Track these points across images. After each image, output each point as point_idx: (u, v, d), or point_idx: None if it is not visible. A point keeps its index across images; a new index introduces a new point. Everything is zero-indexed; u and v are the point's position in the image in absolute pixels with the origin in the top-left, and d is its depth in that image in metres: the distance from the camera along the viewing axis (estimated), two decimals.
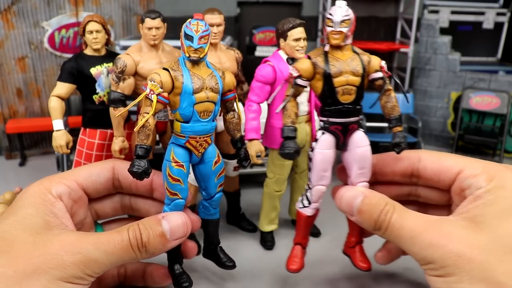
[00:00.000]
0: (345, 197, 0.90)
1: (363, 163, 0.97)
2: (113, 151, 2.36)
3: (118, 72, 2.26)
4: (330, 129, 0.98)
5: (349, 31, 0.99)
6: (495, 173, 0.82)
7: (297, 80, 1.00)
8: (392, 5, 4.67)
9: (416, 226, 0.78)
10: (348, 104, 0.96)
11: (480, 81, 4.31)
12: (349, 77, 0.95)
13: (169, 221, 0.88)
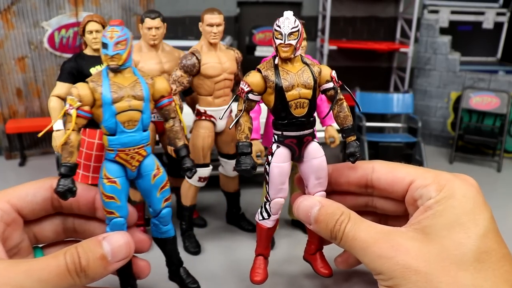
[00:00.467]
0: (302, 206, 0.91)
1: (319, 173, 0.99)
2: None
3: None
4: (285, 142, 0.98)
5: (298, 43, 0.98)
6: (444, 182, 0.83)
7: (248, 95, 0.99)
8: (392, 5, 4.67)
9: (368, 237, 0.79)
10: (301, 117, 0.96)
11: (480, 81, 4.31)
12: (301, 91, 0.95)
13: (110, 242, 0.81)
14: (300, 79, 0.98)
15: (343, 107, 1.09)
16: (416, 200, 0.87)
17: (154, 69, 2.32)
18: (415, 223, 0.83)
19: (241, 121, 1.03)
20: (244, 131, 1.02)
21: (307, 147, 1.04)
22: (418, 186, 0.88)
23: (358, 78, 4.82)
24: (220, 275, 2.28)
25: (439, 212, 0.80)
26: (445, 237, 0.75)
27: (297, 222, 2.75)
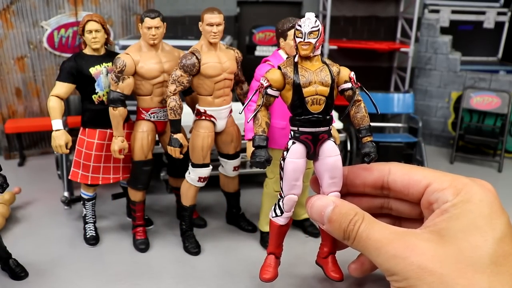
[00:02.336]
0: (315, 205, 0.92)
1: (334, 172, 0.99)
2: (112, 151, 2.35)
3: (117, 72, 2.25)
4: (301, 138, 1.00)
5: (317, 42, 0.99)
6: (461, 187, 0.82)
7: (267, 90, 1.01)
8: (392, 4, 4.66)
9: (382, 237, 0.79)
10: (317, 114, 0.98)
11: (481, 81, 4.30)
12: (318, 87, 0.97)
13: None
14: (318, 77, 1.00)
15: (360, 108, 1.12)
16: (431, 204, 0.87)
17: (154, 68, 2.31)
18: (430, 225, 0.82)
19: (259, 115, 1.06)
20: (261, 125, 1.06)
21: (322, 145, 1.05)
22: (434, 189, 0.87)
23: (358, 78, 4.78)
24: (220, 275, 2.27)
25: (455, 215, 0.79)
26: (462, 240, 0.75)
27: (297, 222, 2.74)
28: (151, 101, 2.39)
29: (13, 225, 2.80)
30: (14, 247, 2.38)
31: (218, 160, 2.63)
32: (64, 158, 3.05)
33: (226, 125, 2.48)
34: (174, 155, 2.33)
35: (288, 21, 2.25)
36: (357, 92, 1.09)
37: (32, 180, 3.51)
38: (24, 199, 3.08)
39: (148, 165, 2.46)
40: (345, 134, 3.64)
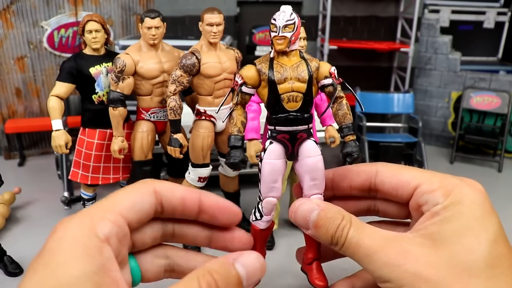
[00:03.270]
0: (299, 210, 0.86)
1: (314, 173, 0.95)
2: (112, 151, 2.35)
3: (117, 72, 2.25)
4: (278, 138, 0.95)
5: (293, 36, 0.95)
6: (452, 188, 0.79)
7: (242, 87, 0.97)
8: (392, 4, 4.66)
9: (373, 243, 0.76)
10: (294, 112, 0.93)
11: (481, 81, 4.30)
12: (294, 84, 0.93)
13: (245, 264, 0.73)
14: (294, 73, 0.96)
15: (342, 105, 1.06)
16: (421, 206, 0.85)
17: (154, 68, 2.31)
18: (421, 229, 0.80)
19: (234, 114, 1.01)
20: (236, 124, 1.00)
21: (302, 145, 1.01)
22: (424, 191, 0.85)
23: (358, 78, 4.81)
24: None
25: (447, 218, 0.77)
26: (455, 243, 0.73)
27: None
28: (151, 101, 2.39)
29: (13, 225, 2.80)
30: (14, 247, 2.38)
31: (218, 160, 2.63)
32: (64, 158, 3.05)
33: (226, 125, 2.48)
34: (174, 155, 2.33)
35: None
36: (339, 89, 1.05)
37: (32, 180, 3.51)
38: (24, 199, 3.08)
39: (148, 165, 2.46)
40: None
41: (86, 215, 0.71)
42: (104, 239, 0.67)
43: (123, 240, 0.72)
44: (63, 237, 0.65)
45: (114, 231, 0.70)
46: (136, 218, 0.76)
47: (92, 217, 0.70)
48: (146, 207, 0.77)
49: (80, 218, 0.69)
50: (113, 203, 0.75)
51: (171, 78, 2.23)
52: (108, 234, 0.68)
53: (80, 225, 0.68)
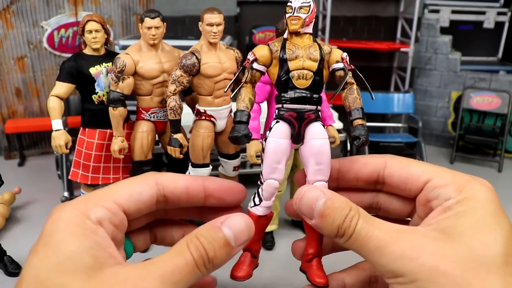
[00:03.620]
0: (305, 197, 0.82)
1: (320, 157, 0.91)
2: (112, 151, 2.35)
3: (117, 72, 2.25)
4: (285, 116, 0.93)
5: (307, 17, 0.94)
6: (464, 183, 0.76)
7: (253, 64, 0.95)
8: (392, 4, 4.66)
9: (384, 235, 0.72)
10: (304, 89, 0.91)
11: (481, 81, 4.30)
12: (305, 61, 0.90)
13: (231, 226, 0.76)
14: (306, 52, 0.95)
15: (352, 90, 1.02)
16: (430, 200, 0.82)
17: (154, 68, 2.31)
18: (433, 223, 0.77)
19: (243, 90, 0.98)
20: (244, 100, 0.96)
21: (309, 126, 0.98)
22: (435, 185, 0.82)
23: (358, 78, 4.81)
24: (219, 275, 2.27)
25: (461, 212, 0.73)
26: (471, 238, 0.69)
27: (297, 222, 2.74)
28: (151, 101, 2.39)
29: (13, 225, 2.80)
30: (14, 247, 2.38)
31: (218, 160, 2.63)
32: (64, 158, 3.05)
33: (226, 125, 2.48)
34: (174, 155, 2.33)
35: None
36: (350, 75, 1.03)
37: (32, 180, 3.51)
38: (24, 199, 3.08)
39: (148, 165, 2.46)
40: (345, 134, 3.63)
41: (81, 201, 0.73)
42: (96, 221, 0.71)
43: (119, 225, 0.76)
44: (58, 219, 0.69)
45: (107, 216, 0.73)
46: (134, 208, 0.80)
47: (86, 202, 0.74)
48: (145, 198, 0.80)
49: (75, 203, 0.74)
50: (110, 191, 0.78)
51: (171, 78, 2.23)
52: (101, 218, 0.72)
53: (74, 209, 0.72)
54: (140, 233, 0.94)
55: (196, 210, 0.95)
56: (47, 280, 0.63)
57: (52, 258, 0.65)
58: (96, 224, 0.71)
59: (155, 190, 0.83)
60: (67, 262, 0.64)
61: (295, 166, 2.55)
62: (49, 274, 0.63)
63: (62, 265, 0.64)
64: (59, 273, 0.63)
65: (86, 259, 0.65)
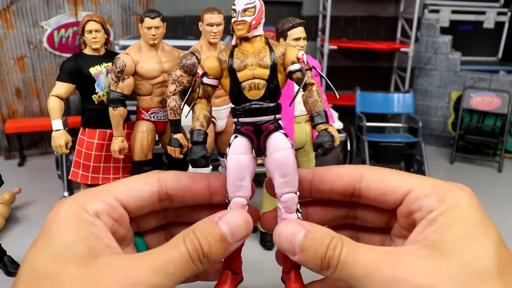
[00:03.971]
0: (283, 233, 0.78)
1: (285, 169, 0.85)
2: (112, 151, 2.35)
3: (117, 72, 2.25)
4: (241, 130, 0.87)
5: (254, 20, 0.87)
6: (445, 192, 0.73)
7: (203, 79, 0.89)
8: (392, 4, 4.66)
9: (372, 260, 0.68)
10: (257, 101, 0.84)
11: (481, 81, 4.30)
12: (255, 70, 0.84)
13: (228, 221, 0.75)
14: (256, 58, 0.86)
15: (312, 92, 0.93)
16: (412, 213, 0.78)
17: (154, 68, 2.31)
18: (421, 240, 0.72)
19: (196, 108, 0.92)
20: (198, 118, 0.90)
21: (269, 138, 0.91)
22: (416, 196, 0.75)
23: (358, 78, 4.81)
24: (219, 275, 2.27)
25: (447, 224, 0.69)
26: (462, 251, 0.66)
27: None
28: (151, 101, 2.39)
29: (13, 225, 2.80)
30: (14, 247, 2.38)
31: (218, 160, 2.62)
32: (64, 158, 3.05)
33: (226, 125, 2.48)
34: (174, 155, 2.33)
35: (288, 21, 2.24)
36: (309, 75, 0.95)
37: (32, 180, 3.51)
38: (24, 199, 3.08)
39: (148, 165, 2.46)
40: (345, 134, 3.63)
41: (81, 195, 0.76)
42: (93, 214, 0.73)
43: (119, 220, 0.78)
44: (57, 211, 0.73)
45: (105, 209, 0.75)
46: (135, 204, 0.81)
47: (85, 197, 0.76)
48: (145, 195, 0.82)
49: (74, 197, 0.77)
50: (110, 187, 0.81)
51: (171, 78, 2.23)
52: (98, 211, 0.74)
53: (73, 203, 0.74)
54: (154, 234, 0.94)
55: (206, 211, 0.93)
56: (42, 268, 0.64)
57: (48, 248, 0.67)
58: (93, 217, 0.73)
59: (156, 187, 0.83)
60: (62, 251, 0.66)
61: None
62: (45, 263, 0.65)
63: (57, 254, 0.65)
64: (54, 261, 0.64)
65: (81, 248, 0.66)
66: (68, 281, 0.62)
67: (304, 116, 2.40)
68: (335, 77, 4.65)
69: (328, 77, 4.95)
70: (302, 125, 2.38)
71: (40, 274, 0.64)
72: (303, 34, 2.25)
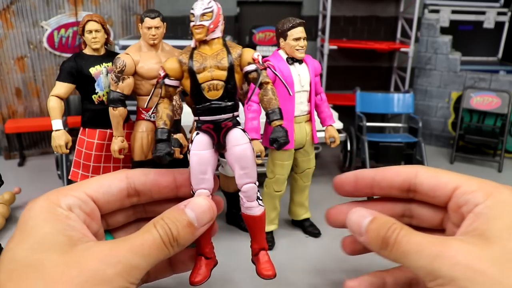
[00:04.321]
0: (354, 218, 0.91)
1: (244, 162, 0.96)
2: (112, 151, 2.35)
3: (117, 72, 2.25)
4: (202, 128, 0.94)
5: (211, 24, 0.92)
6: (491, 189, 0.81)
7: (165, 80, 0.96)
8: (392, 4, 4.66)
9: (423, 241, 0.78)
10: (216, 100, 0.92)
11: (481, 81, 4.30)
12: (213, 72, 0.90)
13: (193, 208, 0.84)
14: (214, 61, 0.93)
15: (267, 90, 1.02)
16: (460, 206, 0.88)
17: (154, 68, 2.31)
18: (470, 231, 0.82)
19: (159, 107, 1.00)
20: (162, 117, 0.99)
21: (228, 134, 0.99)
22: (463, 192, 0.88)
23: (358, 78, 4.81)
24: (219, 275, 2.27)
25: (493, 216, 0.77)
26: (507, 240, 0.72)
27: (297, 222, 2.74)
28: (151, 101, 2.39)
29: (13, 225, 2.80)
30: None
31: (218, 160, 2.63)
32: (64, 158, 3.05)
33: None
34: (174, 155, 2.33)
35: (288, 21, 2.25)
36: (264, 74, 1.02)
37: (32, 180, 3.51)
38: (24, 199, 3.08)
39: (148, 165, 2.46)
40: (345, 134, 3.63)
41: (53, 193, 0.85)
42: (66, 208, 0.77)
43: (91, 214, 0.84)
44: (31, 208, 0.77)
45: (77, 203, 0.80)
46: (104, 199, 0.88)
47: (58, 193, 0.82)
48: (114, 190, 0.89)
49: (47, 194, 0.82)
50: (81, 184, 0.87)
51: None
52: (71, 205, 0.79)
53: (46, 200, 0.79)
54: (124, 231, 1.02)
55: (173, 204, 0.99)
56: (23, 259, 0.68)
57: (27, 240, 0.71)
58: (67, 211, 0.78)
59: (125, 183, 0.91)
60: (42, 241, 0.70)
61: (295, 166, 2.55)
62: (25, 253, 0.69)
63: (37, 244, 0.70)
64: (34, 251, 0.68)
65: (61, 238, 0.71)
66: (51, 266, 0.66)
67: (304, 116, 2.40)
68: (335, 77, 4.65)
69: (328, 77, 4.95)
70: (302, 125, 2.39)
71: (21, 263, 0.67)
72: (303, 34, 2.25)
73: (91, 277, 0.66)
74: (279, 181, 2.47)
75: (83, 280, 0.66)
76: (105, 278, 0.66)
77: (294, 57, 2.28)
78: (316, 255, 2.40)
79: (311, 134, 2.43)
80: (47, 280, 0.64)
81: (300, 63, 2.33)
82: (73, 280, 0.66)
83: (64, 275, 0.66)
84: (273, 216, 2.54)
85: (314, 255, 2.41)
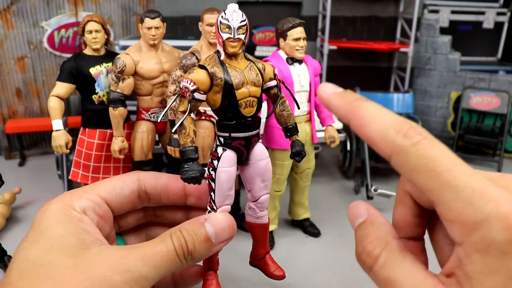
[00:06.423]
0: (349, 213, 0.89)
1: (266, 175, 0.96)
2: (112, 151, 2.36)
3: (117, 72, 2.25)
4: (233, 145, 0.91)
5: (246, 38, 0.91)
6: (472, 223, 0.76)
7: (195, 94, 0.91)
8: (392, 4, 4.67)
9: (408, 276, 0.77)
10: (250, 117, 0.89)
11: (480, 81, 4.31)
12: (250, 88, 0.88)
13: (213, 223, 0.82)
14: (249, 76, 0.89)
15: (285, 105, 1.02)
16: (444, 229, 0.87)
17: (154, 69, 2.31)
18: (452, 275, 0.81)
19: (186, 123, 0.94)
20: (189, 134, 0.92)
21: (253, 148, 0.96)
22: (441, 214, 0.87)
23: (358, 78, 4.81)
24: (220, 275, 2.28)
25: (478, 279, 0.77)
26: None
27: (297, 222, 2.74)
28: (151, 101, 2.40)
29: (13, 225, 2.80)
30: (14, 247, 2.38)
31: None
32: (64, 158, 3.05)
33: None
34: (174, 155, 2.34)
35: (288, 21, 2.25)
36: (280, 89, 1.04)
37: (32, 180, 3.51)
38: (24, 199, 3.08)
39: (148, 165, 2.47)
40: (344, 134, 3.64)
41: (67, 195, 0.81)
42: (80, 211, 0.78)
43: (104, 216, 0.83)
44: (46, 210, 0.77)
45: (91, 206, 0.80)
46: (117, 201, 0.87)
47: (72, 196, 0.82)
48: (126, 192, 0.87)
49: (61, 197, 0.82)
50: (94, 186, 0.87)
51: (171, 79, 2.23)
52: (85, 208, 0.79)
53: (60, 202, 0.79)
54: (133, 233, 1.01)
55: (183, 212, 0.99)
56: (36, 258, 0.68)
57: (41, 241, 0.71)
58: (81, 213, 0.77)
59: (136, 185, 0.90)
60: (55, 243, 0.70)
61: (295, 166, 2.56)
62: (38, 254, 0.68)
63: (50, 246, 0.69)
64: (47, 252, 0.68)
65: (73, 240, 0.71)
66: (61, 268, 0.66)
67: (304, 116, 2.40)
68: (335, 77, 4.66)
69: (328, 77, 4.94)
70: (302, 125, 2.39)
71: (34, 263, 0.68)
72: (303, 34, 2.26)
73: (97, 282, 0.66)
74: (279, 181, 2.47)
75: (89, 284, 0.66)
76: (111, 284, 0.67)
77: (294, 57, 2.29)
78: (316, 255, 2.40)
79: (311, 134, 2.44)
80: (56, 281, 0.65)
81: (299, 63, 2.34)
82: (81, 284, 0.66)
83: (73, 278, 0.66)
84: (273, 216, 2.55)
85: (314, 254, 2.42)
